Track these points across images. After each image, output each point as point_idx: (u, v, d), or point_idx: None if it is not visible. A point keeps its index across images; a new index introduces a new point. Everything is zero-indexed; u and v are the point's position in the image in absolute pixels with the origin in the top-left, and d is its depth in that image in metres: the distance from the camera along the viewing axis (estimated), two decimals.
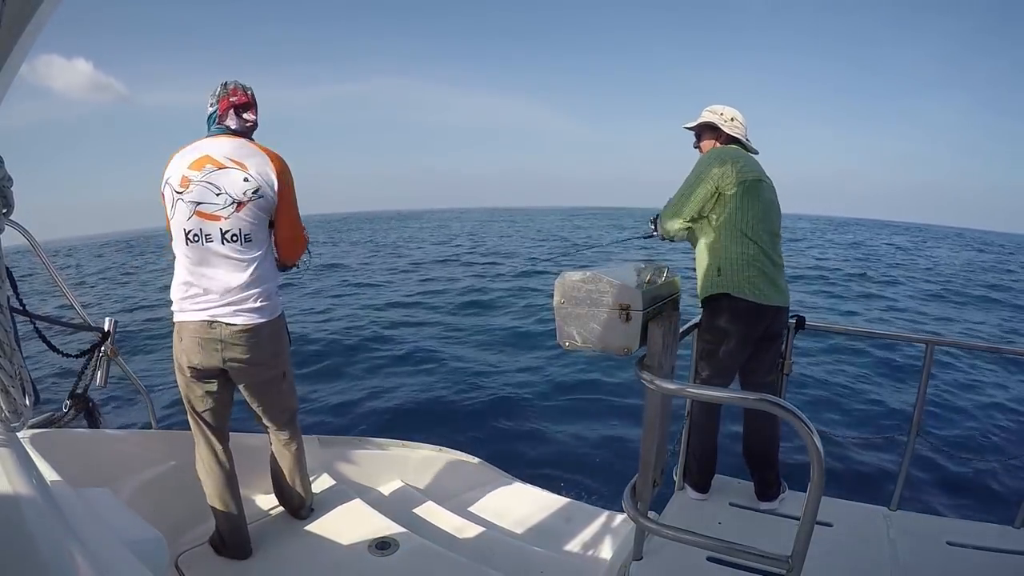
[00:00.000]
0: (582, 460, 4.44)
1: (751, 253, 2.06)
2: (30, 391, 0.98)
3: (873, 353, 7.23)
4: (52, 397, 2.39)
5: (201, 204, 1.82)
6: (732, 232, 2.08)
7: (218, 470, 2.03)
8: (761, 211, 2.10)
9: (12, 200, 1.00)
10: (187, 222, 1.84)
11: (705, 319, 2.17)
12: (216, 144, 1.88)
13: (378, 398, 5.85)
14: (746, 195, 2.08)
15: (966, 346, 4.74)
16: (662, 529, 1.54)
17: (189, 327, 1.89)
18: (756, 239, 2.07)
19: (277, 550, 2.12)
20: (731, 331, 2.09)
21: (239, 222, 1.85)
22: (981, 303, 12.76)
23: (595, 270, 1.42)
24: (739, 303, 2.05)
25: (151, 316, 10.22)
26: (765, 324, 2.12)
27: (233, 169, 1.85)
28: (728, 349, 2.10)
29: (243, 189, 1.84)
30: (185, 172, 1.83)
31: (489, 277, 14.74)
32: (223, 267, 1.87)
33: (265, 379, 2.06)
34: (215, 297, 1.87)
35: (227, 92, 1.91)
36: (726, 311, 2.08)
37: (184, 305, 1.89)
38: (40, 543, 0.80)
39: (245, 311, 1.89)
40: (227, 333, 1.89)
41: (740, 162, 2.12)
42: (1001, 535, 2.09)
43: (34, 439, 1.86)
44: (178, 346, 1.93)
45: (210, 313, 1.88)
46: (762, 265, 2.07)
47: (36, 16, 0.73)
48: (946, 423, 5.23)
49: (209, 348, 1.90)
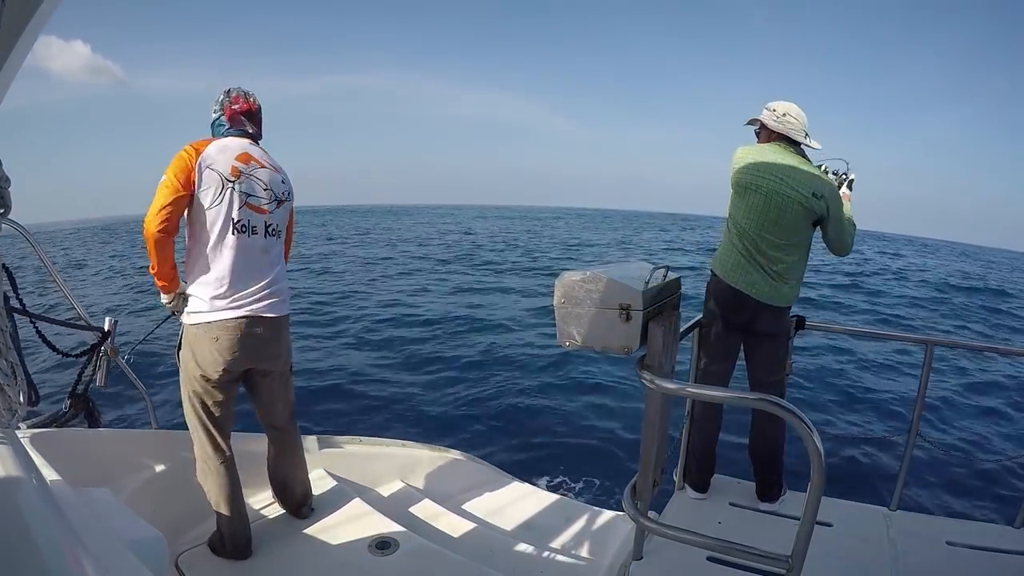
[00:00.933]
0: (582, 460, 4.44)
1: (739, 245, 2.16)
2: (27, 390, 0.98)
3: (873, 353, 7.23)
4: (52, 396, 2.39)
5: (251, 196, 1.89)
6: (730, 222, 2.22)
7: (225, 473, 2.00)
8: (749, 212, 2.13)
9: (10, 200, 1.00)
10: (238, 211, 1.85)
11: (704, 305, 2.30)
12: (247, 144, 1.96)
13: (378, 398, 5.85)
14: (738, 196, 2.17)
15: (966, 346, 4.75)
16: (662, 529, 1.54)
17: (229, 326, 1.85)
18: (745, 234, 2.14)
19: (277, 550, 2.11)
20: (715, 312, 2.24)
21: (276, 218, 1.97)
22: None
23: (595, 270, 1.43)
24: (719, 283, 2.21)
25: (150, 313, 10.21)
26: (746, 315, 2.18)
27: (271, 170, 1.97)
28: (717, 331, 2.24)
29: (282, 189, 1.98)
30: (234, 163, 1.86)
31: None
32: (262, 260, 1.92)
33: (285, 371, 2.14)
34: (252, 291, 1.89)
35: (230, 100, 1.97)
36: (711, 291, 2.26)
37: (219, 303, 1.85)
38: (40, 543, 0.80)
39: (277, 304, 1.97)
40: (264, 327, 1.93)
41: (745, 162, 2.14)
42: (1001, 535, 2.09)
43: (34, 439, 1.86)
44: (210, 349, 1.86)
45: (249, 309, 1.88)
46: (747, 257, 2.14)
47: (36, 16, 0.73)
48: (946, 423, 5.23)
49: (249, 347, 1.90)
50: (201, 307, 1.86)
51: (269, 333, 1.95)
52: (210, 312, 1.85)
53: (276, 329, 1.98)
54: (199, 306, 1.86)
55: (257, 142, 2.02)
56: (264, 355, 1.99)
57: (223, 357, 1.87)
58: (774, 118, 2.15)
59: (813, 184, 2.06)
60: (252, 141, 2.00)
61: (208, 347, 1.86)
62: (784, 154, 2.12)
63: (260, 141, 2.05)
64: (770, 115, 2.16)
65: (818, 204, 2.06)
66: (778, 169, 2.09)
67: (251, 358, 1.95)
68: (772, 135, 2.17)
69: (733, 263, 2.16)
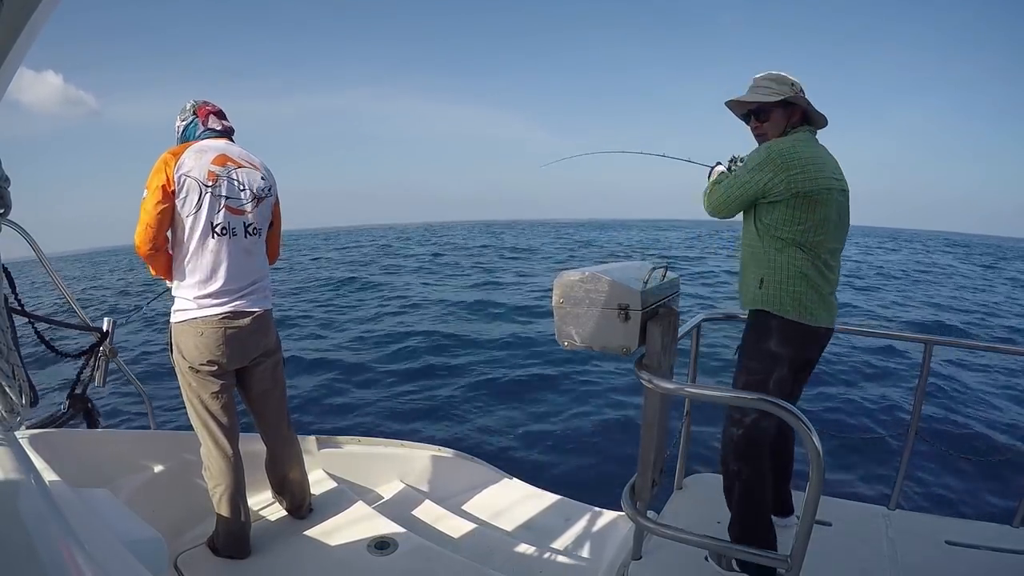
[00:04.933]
0: (582, 460, 4.44)
1: (812, 272, 1.73)
2: (27, 391, 0.98)
3: (872, 352, 7.24)
4: (52, 397, 2.39)
5: (229, 199, 1.91)
6: (784, 242, 1.74)
7: (230, 473, 2.00)
8: (823, 224, 1.72)
9: (9, 201, 1.00)
10: (217, 215, 1.88)
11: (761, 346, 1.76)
12: (223, 145, 1.98)
13: (379, 398, 5.85)
14: (805, 208, 1.70)
15: (965, 345, 4.74)
16: (661, 529, 1.54)
17: (212, 321, 1.90)
18: (817, 255, 1.73)
19: (276, 550, 2.11)
20: (784, 358, 1.73)
21: (257, 217, 1.99)
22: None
23: (594, 270, 1.43)
24: (794, 327, 1.72)
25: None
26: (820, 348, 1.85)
27: (250, 168, 1.98)
28: (781, 376, 1.74)
29: (260, 187, 1.99)
30: (210, 167, 1.87)
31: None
32: (243, 259, 1.95)
33: (277, 365, 2.17)
34: (235, 289, 1.93)
35: (198, 104, 2.01)
36: (782, 337, 1.72)
37: (204, 302, 1.90)
38: (39, 543, 0.80)
39: (259, 299, 2.01)
40: (248, 321, 1.96)
41: (812, 163, 1.72)
42: (1000, 534, 2.10)
43: (33, 439, 1.86)
44: (195, 343, 1.91)
45: (232, 306, 1.92)
46: (826, 281, 1.75)
47: (35, 16, 0.73)
48: (945, 422, 5.23)
49: (233, 339, 1.93)
50: (187, 306, 1.91)
51: (254, 325, 1.99)
52: (196, 309, 1.90)
53: (260, 321, 2.02)
54: (184, 305, 1.91)
55: (231, 140, 2.05)
56: (250, 347, 2.02)
57: (208, 349, 1.91)
58: (797, 91, 1.74)
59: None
60: (228, 140, 2.02)
61: (193, 341, 1.91)
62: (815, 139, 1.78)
63: (234, 136, 2.07)
64: (790, 89, 1.74)
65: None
66: (833, 163, 1.75)
67: (238, 351, 1.97)
68: (796, 116, 1.76)
69: (813, 299, 1.71)
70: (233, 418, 2.04)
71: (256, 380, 2.12)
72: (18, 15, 0.70)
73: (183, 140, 1.98)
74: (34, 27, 0.74)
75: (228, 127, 2.04)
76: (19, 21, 0.71)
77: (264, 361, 2.11)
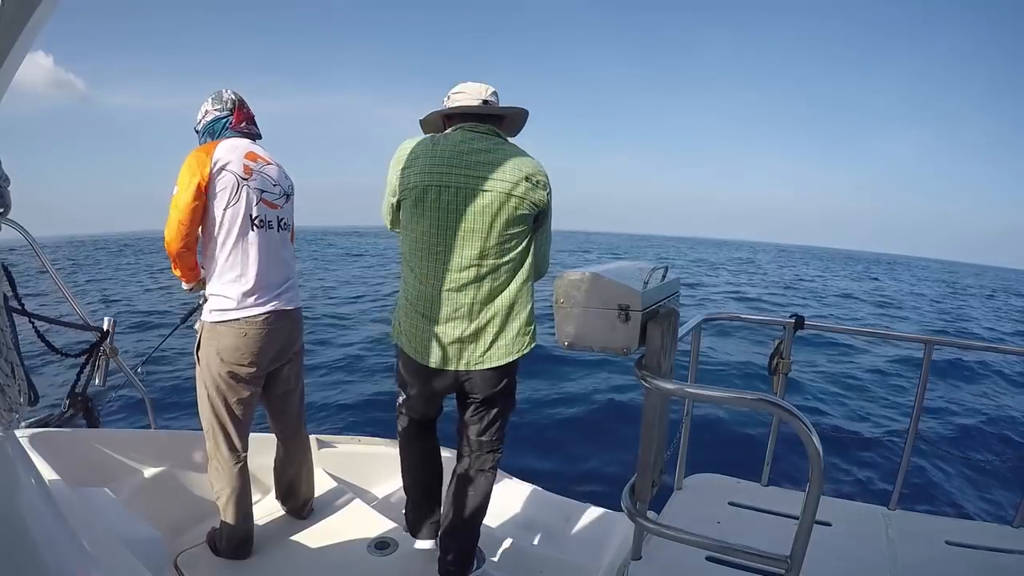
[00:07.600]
0: (582, 460, 4.44)
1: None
2: (26, 390, 0.98)
3: (872, 353, 7.24)
4: (51, 397, 2.39)
5: (264, 192, 1.92)
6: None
7: (238, 475, 1.99)
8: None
9: (9, 200, 1.00)
10: (255, 207, 1.89)
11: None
12: (250, 144, 1.99)
13: (379, 398, 5.84)
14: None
15: (965, 346, 4.75)
16: (661, 529, 1.54)
17: (256, 322, 1.87)
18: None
19: (277, 550, 2.11)
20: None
21: (286, 213, 2.02)
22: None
23: (594, 270, 1.42)
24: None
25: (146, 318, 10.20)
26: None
27: (275, 166, 2.01)
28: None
29: (287, 184, 2.05)
30: (245, 161, 1.89)
31: None
32: (279, 254, 1.97)
33: (300, 365, 2.19)
34: (275, 284, 1.93)
35: (236, 103, 2.00)
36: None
37: (247, 300, 1.87)
38: (38, 543, 0.80)
39: (293, 297, 2.02)
40: (287, 322, 1.97)
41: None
42: (1000, 535, 2.09)
43: (33, 439, 1.86)
44: (236, 344, 1.87)
45: (273, 304, 1.92)
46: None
47: (35, 16, 0.73)
48: (945, 422, 5.23)
49: (275, 341, 1.94)
50: (228, 305, 1.86)
51: (291, 325, 2.02)
52: (238, 309, 1.86)
53: (295, 320, 2.05)
54: (225, 304, 1.86)
55: (255, 141, 2.05)
56: (286, 348, 2.04)
57: (251, 352, 1.89)
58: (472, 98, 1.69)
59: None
60: (252, 140, 2.03)
61: (235, 342, 1.87)
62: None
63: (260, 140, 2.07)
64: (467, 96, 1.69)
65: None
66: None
67: (277, 352, 1.99)
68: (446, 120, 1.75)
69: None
70: (250, 422, 2.04)
71: (282, 380, 2.11)
72: (18, 15, 0.70)
73: (207, 130, 1.97)
74: (34, 27, 0.73)
75: (256, 132, 2.05)
76: (19, 21, 0.71)
77: (292, 361, 2.11)
